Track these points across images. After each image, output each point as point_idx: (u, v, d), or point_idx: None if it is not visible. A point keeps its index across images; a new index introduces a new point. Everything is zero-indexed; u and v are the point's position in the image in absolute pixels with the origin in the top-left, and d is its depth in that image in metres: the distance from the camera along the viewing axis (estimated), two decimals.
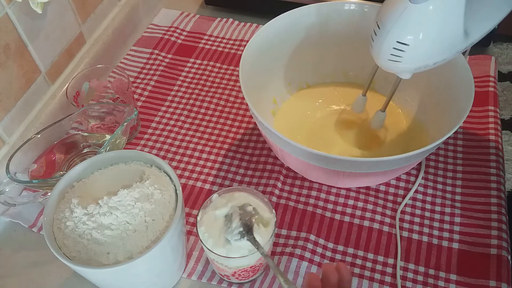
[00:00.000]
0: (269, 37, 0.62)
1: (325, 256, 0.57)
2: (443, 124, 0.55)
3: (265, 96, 0.65)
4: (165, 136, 0.70)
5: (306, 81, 0.70)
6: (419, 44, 0.46)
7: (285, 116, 0.67)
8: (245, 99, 0.54)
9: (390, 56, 0.48)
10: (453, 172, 0.64)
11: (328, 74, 0.70)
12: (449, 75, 0.58)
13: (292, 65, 0.67)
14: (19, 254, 0.59)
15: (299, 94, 0.70)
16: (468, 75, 0.54)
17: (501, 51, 1.88)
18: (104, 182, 0.51)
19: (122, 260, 0.44)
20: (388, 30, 0.47)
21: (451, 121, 0.52)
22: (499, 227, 0.58)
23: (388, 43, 0.47)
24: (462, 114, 0.51)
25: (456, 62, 0.56)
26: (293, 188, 0.64)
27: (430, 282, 0.55)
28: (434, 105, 0.61)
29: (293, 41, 0.66)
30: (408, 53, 0.47)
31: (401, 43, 0.47)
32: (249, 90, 0.55)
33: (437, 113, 0.60)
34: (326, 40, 0.66)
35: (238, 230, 0.49)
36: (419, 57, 0.48)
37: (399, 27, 0.46)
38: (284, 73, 0.68)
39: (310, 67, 0.69)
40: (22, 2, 0.58)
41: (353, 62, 0.68)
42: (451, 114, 0.55)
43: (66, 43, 0.71)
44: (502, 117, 1.71)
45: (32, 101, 0.66)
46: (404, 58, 0.48)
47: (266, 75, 0.64)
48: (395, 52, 0.47)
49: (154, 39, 0.84)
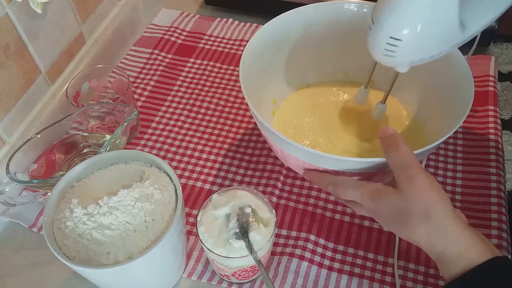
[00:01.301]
0: (269, 37, 0.62)
1: (325, 256, 0.57)
2: (443, 124, 0.55)
3: (265, 96, 0.65)
4: (165, 136, 0.70)
5: (306, 80, 0.70)
6: (412, 39, 0.47)
7: (285, 115, 0.67)
8: (245, 99, 0.54)
9: (384, 51, 0.49)
10: (453, 172, 0.64)
11: (328, 73, 0.70)
12: (449, 75, 0.58)
13: (292, 65, 0.67)
14: (19, 254, 0.59)
15: (299, 93, 0.70)
16: (468, 75, 0.55)
17: (501, 51, 1.88)
18: (104, 182, 0.51)
19: (122, 260, 0.44)
20: (381, 25, 0.47)
21: (451, 121, 0.52)
22: (499, 227, 0.58)
23: (382, 38, 0.48)
24: (462, 114, 0.51)
25: (456, 62, 0.56)
26: (293, 188, 0.64)
27: (430, 281, 0.55)
28: (434, 105, 0.61)
29: (293, 40, 0.66)
30: (401, 47, 0.47)
31: (394, 38, 0.47)
32: (249, 90, 0.55)
33: (437, 113, 0.60)
34: (326, 39, 0.66)
35: (234, 231, 0.49)
36: (413, 51, 0.48)
37: (392, 22, 0.46)
38: (284, 73, 0.68)
39: (310, 67, 0.69)
40: (22, 2, 0.58)
41: (352, 61, 0.68)
42: (451, 114, 0.55)
43: (66, 43, 0.71)
44: (502, 117, 1.71)
45: (32, 101, 0.66)
46: (398, 53, 0.48)
47: (266, 75, 0.64)
48: (388, 47, 0.48)
49: (154, 39, 0.84)
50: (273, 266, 0.56)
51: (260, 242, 0.49)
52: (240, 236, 0.49)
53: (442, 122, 0.56)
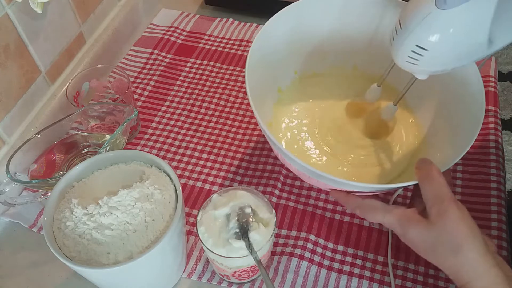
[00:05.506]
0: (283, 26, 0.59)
1: (325, 256, 0.57)
2: (450, 149, 0.53)
3: (269, 88, 0.63)
4: (165, 136, 0.70)
5: (313, 70, 0.68)
6: (438, 50, 0.45)
7: (289, 105, 0.65)
8: (248, 98, 0.52)
9: (407, 58, 0.47)
10: (453, 172, 0.64)
11: (337, 65, 0.68)
12: (463, 98, 0.56)
13: (300, 54, 0.65)
14: (19, 254, 0.59)
15: (305, 84, 0.68)
16: (481, 105, 0.52)
17: (501, 51, 1.88)
18: (104, 182, 0.51)
19: (122, 260, 0.44)
20: (409, 32, 0.45)
21: (458, 148, 0.50)
22: (499, 227, 0.58)
23: (407, 45, 0.46)
24: (467, 143, 0.49)
25: (471, 82, 0.54)
26: (293, 188, 0.64)
27: (430, 282, 0.55)
28: (444, 123, 0.59)
29: (310, 31, 0.63)
30: (426, 57, 0.46)
31: (420, 47, 0.45)
32: (252, 86, 0.53)
33: (445, 133, 0.58)
34: (339, 32, 0.64)
35: (234, 231, 0.49)
36: (437, 62, 0.47)
37: (420, 31, 0.44)
38: (291, 62, 0.66)
39: (318, 57, 0.67)
40: (22, 2, 0.58)
41: (364, 55, 0.65)
42: (459, 138, 0.53)
43: (66, 43, 0.71)
44: (502, 117, 1.71)
45: (32, 101, 0.66)
46: (421, 62, 0.47)
47: (271, 67, 0.62)
48: (413, 55, 0.46)
49: (154, 39, 0.84)
50: (273, 266, 0.56)
51: (260, 242, 0.49)
52: (240, 236, 0.49)
53: (450, 148, 0.54)
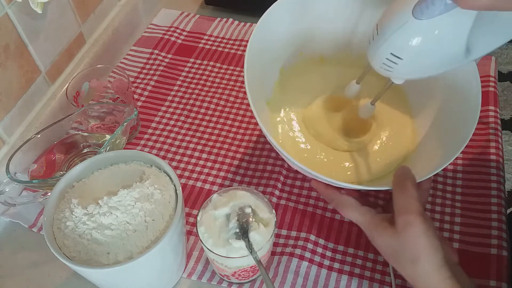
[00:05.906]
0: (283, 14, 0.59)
1: (325, 256, 0.57)
2: (439, 158, 0.53)
3: (265, 84, 0.63)
4: (165, 136, 0.70)
5: (321, 55, 0.67)
6: (413, 59, 0.44)
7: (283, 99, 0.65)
8: (247, 94, 0.52)
9: (382, 65, 0.47)
10: (453, 172, 0.64)
11: (340, 56, 0.67)
12: (460, 101, 0.56)
13: (303, 37, 0.65)
14: (19, 254, 0.59)
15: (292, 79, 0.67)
16: (475, 117, 0.53)
17: (501, 51, 1.88)
18: (104, 182, 0.51)
19: (122, 260, 0.44)
20: (384, 39, 0.44)
21: (446, 156, 0.51)
22: (499, 227, 0.58)
23: (382, 52, 0.45)
24: (460, 145, 0.50)
25: (470, 87, 0.54)
26: (293, 188, 0.64)
27: None
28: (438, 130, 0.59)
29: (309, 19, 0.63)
30: (400, 65, 0.45)
31: (395, 55, 0.45)
32: (251, 82, 0.53)
33: (436, 144, 0.58)
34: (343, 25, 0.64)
35: (234, 231, 0.49)
36: (411, 71, 0.46)
37: (396, 40, 0.43)
38: (291, 48, 0.65)
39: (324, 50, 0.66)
40: (22, 2, 0.58)
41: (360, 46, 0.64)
42: (453, 141, 0.54)
43: (66, 43, 0.71)
44: (502, 117, 1.71)
45: (32, 101, 0.66)
46: (395, 69, 0.46)
47: (270, 63, 0.62)
48: (387, 62, 0.46)
49: (154, 39, 0.84)
50: (273, 266, 0.56)
51: (260, 242, 0.49)
52: (240, 236, 0.49)
53: (439, 157, 0.54)
